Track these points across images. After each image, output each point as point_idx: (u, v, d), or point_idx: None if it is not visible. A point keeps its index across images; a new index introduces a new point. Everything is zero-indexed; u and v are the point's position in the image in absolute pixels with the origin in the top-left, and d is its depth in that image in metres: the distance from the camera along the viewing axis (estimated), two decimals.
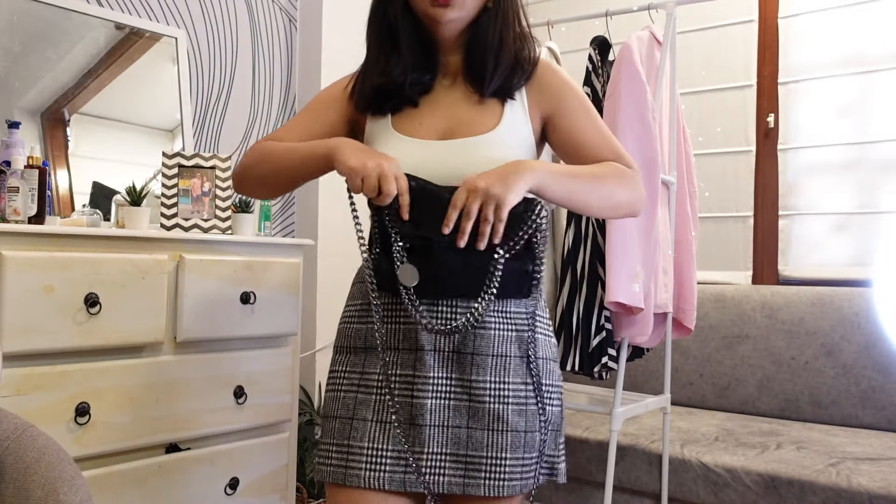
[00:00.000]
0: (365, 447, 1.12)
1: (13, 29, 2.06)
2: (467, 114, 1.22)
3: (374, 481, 1.10)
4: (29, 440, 1.20)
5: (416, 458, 1.11)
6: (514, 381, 1.13)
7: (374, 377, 1.15)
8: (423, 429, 1.11)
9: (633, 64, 1.82)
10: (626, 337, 1.86)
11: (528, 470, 1.12)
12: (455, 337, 1.13)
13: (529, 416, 1.13)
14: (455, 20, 1.19)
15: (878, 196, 2.62)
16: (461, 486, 1.10)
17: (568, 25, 3.23)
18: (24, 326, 1.53)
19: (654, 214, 1.82)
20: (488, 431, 1.11)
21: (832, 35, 2.72)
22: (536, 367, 1.15)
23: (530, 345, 1.15)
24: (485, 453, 1.11)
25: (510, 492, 1.11)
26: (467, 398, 1.12)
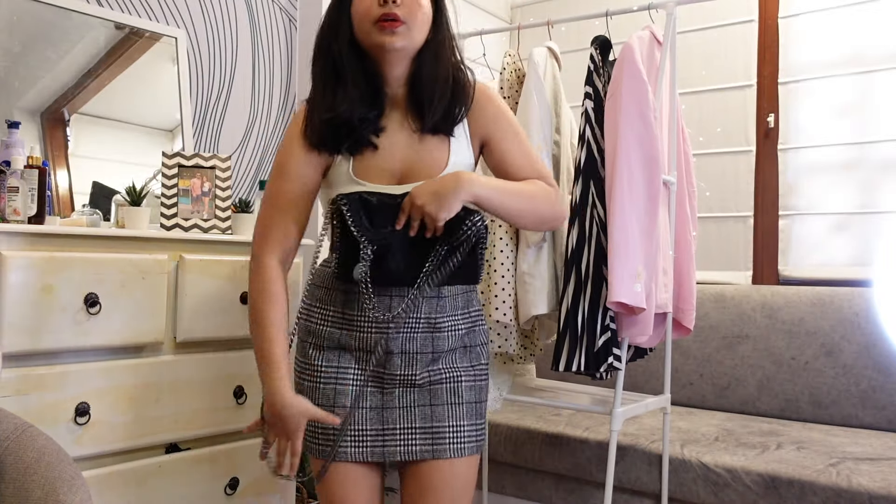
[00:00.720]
0: (355, 430, 1.34)
1: (13, 29, 2.06)
2: (417, 154, 1.34)
3: (359, 455, 1.34)
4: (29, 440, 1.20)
5: (391, 435, 1.34)
6: (463, 364, 1.39)
7: (350, 371, 1.36)
8: (393, 411, 1.35)
9: (635, 63, 1.82)
10: (626, 337, 1.86)
11: (480, 433, 1.39)
12: (416, 341, 1.34)
13: (476, 390, 1.39)
14: (402, 49, 1.29)
15: (878, 196, 2.62)
16: (430, 451, 1.34)
17: (568, 25, 3.23)
18: (24, 326, 1.53)
19: (656, 214, 1.82)
20: (447, 405, 1.35)
21: (832, 35, 2.72)
22: (477, 352, 1.41)
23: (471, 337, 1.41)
24: (447, 423, 1.35)
25: (470, 451, 1.36)
26: (428, 384, 1.36)
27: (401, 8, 1.25)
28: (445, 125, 1.34)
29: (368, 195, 1.28)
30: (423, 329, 1.35)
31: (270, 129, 2.82)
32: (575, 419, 2.39)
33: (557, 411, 2.52)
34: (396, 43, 1.27)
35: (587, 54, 1.96)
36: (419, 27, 1.29)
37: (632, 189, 1.79)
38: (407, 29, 1.27)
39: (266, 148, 2.82)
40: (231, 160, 2.12)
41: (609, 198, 1.80)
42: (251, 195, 2.70)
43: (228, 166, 2.07)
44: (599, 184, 1.87)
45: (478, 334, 1.43)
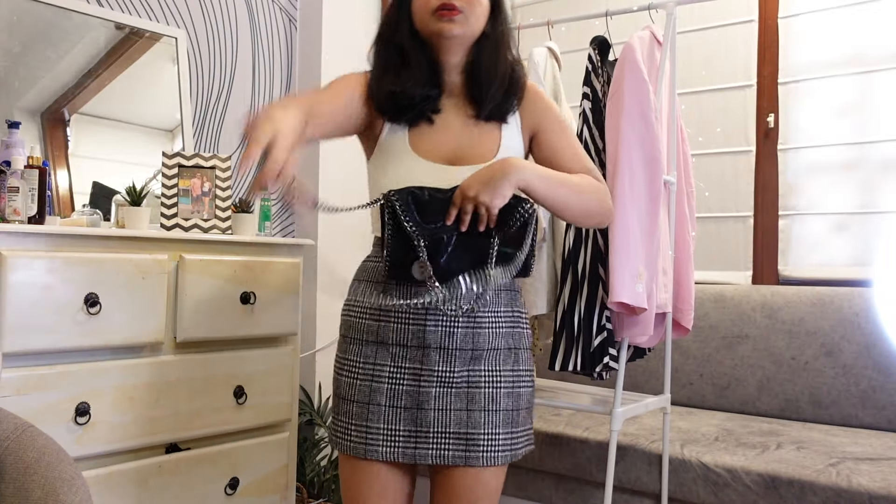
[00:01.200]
0: (381, 428, 1.32)
1: (13, 29, 2.06)
2: (470, 138, 1.37)
3: (391, 455, 1.32)
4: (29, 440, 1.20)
5: (424, 437, 1.31)
6: (504, 369, 1.35)
7: (386, 369, 1.33)
8: (428, 412, 1.31)
9: (637, 63, 1.82)
10: (627, 337, 1.86)
11: (516, 442, 1.35)
12: (457, 336, 1.31)
13: (514, 397, 1.35)
14: (460, 36, 1.33)
15: (878, 196, 2.62)
16: (464, 458, 1.31)
17: (568, 25, 3.23)
18: (24, 326, 1.53)
19: (657, 214, 1.82)
20: (484, 412, 1.32)
21: (832, 35, 2.72)
22: (520, 356, 1.38)
23: (515, 339, 1.38)
24: (482, 430, 1.31)
25: (503, 461, 1.33)
26: (466, 386, 1.32)
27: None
28: (500, 113, 1.39)
29: (419, 190, 1.26)
30: (463, 323, 1.31)
31: None
32: (575, 419, 2.39)
33: (557, 411, 2.52)
34: (454, 30, 1.31)
35: (587, 54, 1.96)
36: (476, 17, 1.33)
37: (633, 189, 1.79)
38: (464, 17, 1.31)
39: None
40: (231, 160, 2.12)
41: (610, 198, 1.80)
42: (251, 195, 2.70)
43: (228, 166, 2.07)
44: None
45: (521, 336, 1.40)
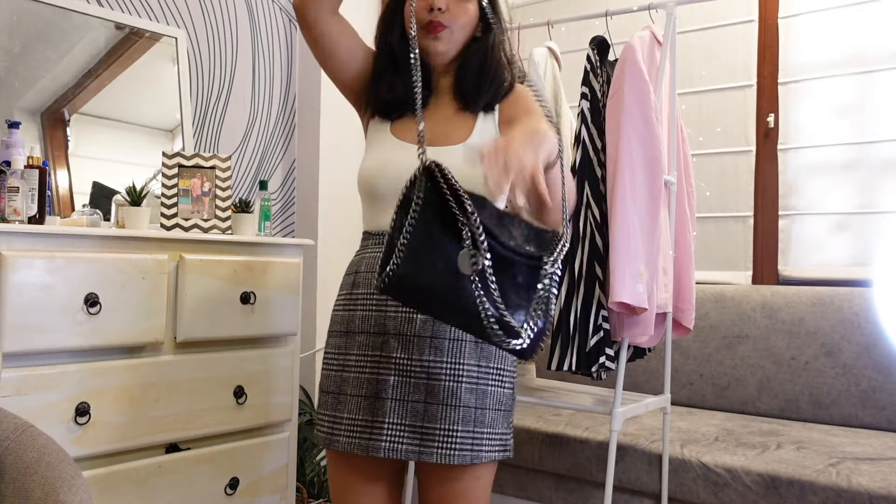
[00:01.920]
0: (345, 418, 1.31)
1: (13, 29, 2.06)
2: (446, 126, 1.40)
3: (349, 446, 1.29)
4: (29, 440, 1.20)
5: (378, 427, 1.27)
6: (469, 362, 1.29)
7: (353, 357, 1.33)
8: (385, 402, 1.28)
9: (637, 64, 1.82)
10: (626, 337, 1.86)
11: (478, 443, 1.27)
12: (416, 322, 1.28)
13: (479, 395, 1.28)
14: (444, 53, 1.37)
15: (878, 196, 2.62)
16: (416, 453, 1.26)
17: (568, 25, 3.23)
18: (24, 326, 1.53)
19: (658, 214, 1.82)
20: (443, 406, 1.26)
21: (832, 35, 2.72)
22: (488, 350, 1.30)
23: None
24: (438, 425, 1.26)
25: (460, 461, 1.26)
26: (425, 377, 1.28)
27: (445, 15, 1.34)
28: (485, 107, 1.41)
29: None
30: None
31: (270, 129, 2.82)
32: (575, 419, 2.39)
33: (557, 411, 2.52)
34: (439, 47, 1.36)
35: (586, 54, 1.96)
36: (462, 28, 1.37)
37: (634, 189, 1.79)
38: (450, 33, 1.35)
39: (266, 148, 2.82)
40: (231, 160, 2.12)
41: (611, 198, 1.80)
42: (251, 195, 2.70)
43: (228, 166, 2.07)
44: (595, 184, 1.87)
45: None
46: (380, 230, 1.37)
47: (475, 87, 1.40)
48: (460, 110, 1.42)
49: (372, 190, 1.37)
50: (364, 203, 1.43)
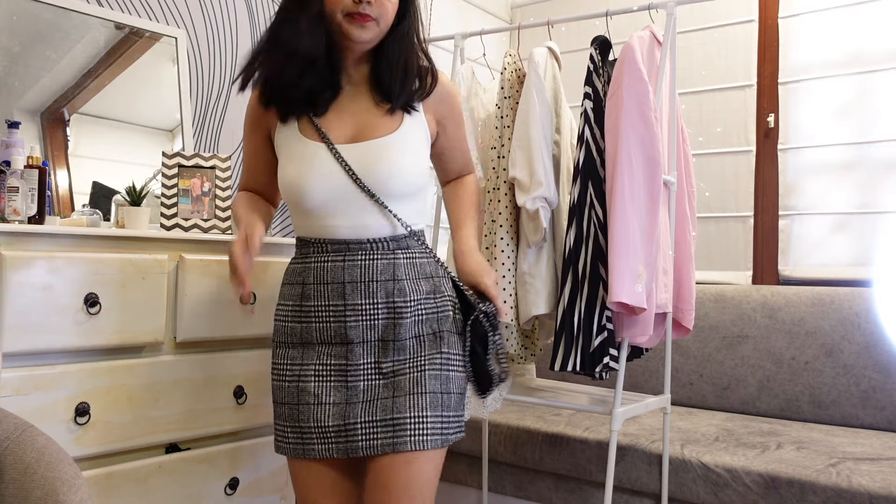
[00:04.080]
0: (313, 426, 1.33)
1: (13, 29, 2.06)
2: (370, 119, 1.38)
3: (326, 452, 1.33)
4: (29, 440, 1.20)
5: (352, 429, 1.31)
6: (430, 352, 1.34)
7: (311, 367, 1.35)
8: (356, 405, 1.32)
9: (636, 63, 1.82)
10: (626, 337, 1.86)
11: (447, 426, 1.32)
12: (378, 328, 1.34)
13: (443, 380, 1.33)
14: (369, 41, 1.34)
15: (878, 196, 2.62)
16: (391, 445, 1.29)
17: (568, 25, 3.23)
18: (24, 326, 1.53)
19: (657, 214, 1.82)
20: (410, 396, 1.30)
21: (832, 35, 2.72)
22: (443, 339, 1.36)
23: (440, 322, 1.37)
24: (408, 414, 1.29)
25: (433, 445, 1.29)
26: (392, 375, 1.33)
27: (374, 7, 1.31)
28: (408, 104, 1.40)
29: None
30: (383, 316, 1.33)
31: None
32: (575, 419, 2.39)
33: (557, 411, 2.52)
34: (364, 36, 1.32)
35: (587, 54, 1.96)
36: (387, 20, 1.34)
37: (633, 189, 1.79)
38: (376, 24, 1.32)
39: None
40: (231, 160, 2.12)
41: (610, 198, 1.80)
42: None
43: (228, 166, 2.07)
44: (598, 184, 1.87)
45: (446, 319, 1.38)
46: (315, 237, 1.38)
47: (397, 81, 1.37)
48: (380, 103, 1.39)
49: (297, 199, 1.36)
50: (293, 211, 1.42)
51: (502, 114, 2.02)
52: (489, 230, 1.99)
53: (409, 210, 1.38)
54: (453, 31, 2.31)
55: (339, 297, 1.34)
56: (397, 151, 1.34)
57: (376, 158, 1.33)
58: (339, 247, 1.35)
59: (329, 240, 1.36)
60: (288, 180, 1.37)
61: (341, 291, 1.33)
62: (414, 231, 1.39)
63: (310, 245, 1.39)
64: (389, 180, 1.33)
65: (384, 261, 1.35)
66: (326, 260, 1.36)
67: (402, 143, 1.36)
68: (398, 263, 1.35)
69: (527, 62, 2.00)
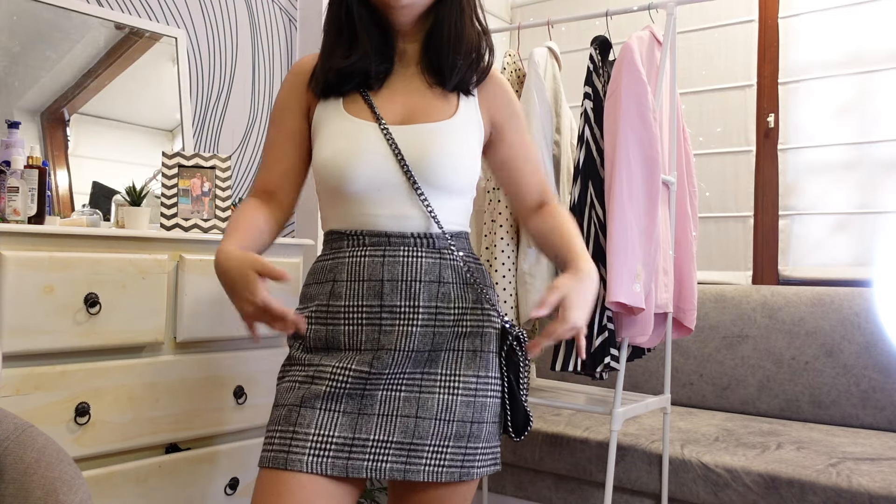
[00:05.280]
0: (311, 433, 1.12)
1: (13, 29, 2.06)
2: (424, 101, 1.23)
3: (317, 466, 1.11)
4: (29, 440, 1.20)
5: (360, 446, 1.13)
6: (466, 373, 1.18)
7: (328, 369, 1.16)
8: (371, 418, 1.14)
9: (634, 64, 1.82)
10: (626, 337, 1.86)
11: (469, 458, 1.16)
12: (415, 337, 1.16)
13: (477, 407, 1.17)
14: (410, 6, 1.18)
15: (878, 196, 2.62)
16: (402, 472, 1.14)
17: (568, 25, 3.23)
18: (24, 326, 1.53)
19: (655, 214, 1.82)
20: (436, 421, 1.15)
21: (832, 35, 2.72)
22: (486, 360, 1.20)
23: (483, 340, 1.20)
24: (429, 441, 1.14)
25: (448, 478, 1.14)
26: (418, 390, 1.16)
27: None
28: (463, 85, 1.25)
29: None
30: (422, 322, 1.16)
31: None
32: (575, 419, 2.39)
33: (557, 411, 2.52)
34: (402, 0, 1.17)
35: (587, 54, 1.96)
36: None
37: (631, 189, 1.79)
38: None
39: None
40: (231, 160, 2.12)
41: (608, 198, 1.80)
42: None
43: (228, 166, 2.07)
44: (598, 184, 1.87)
45: (490, 338, 1.21)
46: (351, 228, 1.20)
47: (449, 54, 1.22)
48: (433, 85, 1.24)
49: (338, 182, 1.18)
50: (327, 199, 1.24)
51: None
52: (489, 230, 2.00)
53: (454, 206, 1.22)
54: None
55: (375, 296, 1.16)
56: (451, 139, 1.19)
57: (426, 144, 1.17)
58: (380, 240, 1.18)
59: (368, 231, 1.19)
60: (327, 161, 1.18)
61: (378, 290, 1.16)
62: (458, 231, 1.23)
63: (344, 238, 1.21)
64: (440, 170, 1.17)
65: (430, 259, 1.18)
66: (363, 255, 1.18)
67: (457, 130, 1.20)
68: (444, 264, 1.19)
69: (527, 62, 2.00)
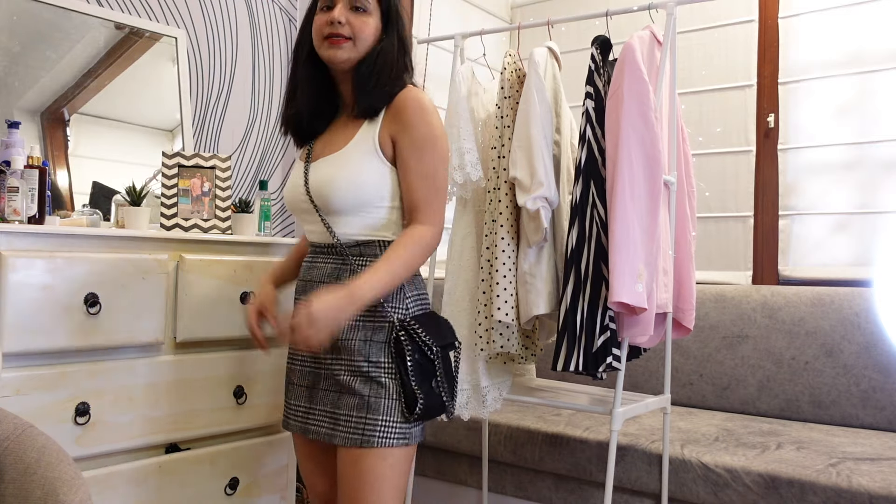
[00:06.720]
0: (292, 404, 1.54)
1: (13, 29, 2.06)
2: (334, 136, 1.51)
3: (296, 428, 1.53)
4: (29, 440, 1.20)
5: (312, 413, 1.49)
6: (358, 358, 1.43)
7: (298, 353, 1.53)
8: (317, 392, 1.48)
9: (636, 63, 1.82)
10: (627, 337, 1.86)
11: (370, 428, 1.39)
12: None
13: (373, 386, 1.41)
14: (346, 61, 1.46)
15: (878, 196, 2.62)
16: (330, 435, 1.44)
17: (568, 25, 3.23)
18: (24, 326, 1.53)
19: (657, 214, 1.82)
20: (344, 395, 1.44)
21: (832, 35, 2.72)
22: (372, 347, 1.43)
23: (375, 332, 1.44)
24: (342, 412, 1.43)
25: (352, 443, 1.39)
26: (331, 373, 1.46)
27: (346, 28, 1.44)
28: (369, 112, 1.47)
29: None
30: None
31: (270, 129, 2.82)
32: (575, 419, 2.39)
33: (557, 411, 2.52)
34: (340, 56, 1.45)
35: (587, 54, 1.96)
36: (364, 40, 1.46)
37: (633, 189, 1.79)
38: (352, 45, 1.45)
39: (266, 148, 2.82)
40: (231, 160, 2.12)
41: (610, 197, 1.80)
42: (251, 195, 2.70)
43: (228, 166, 2.07)
44: (600, 183, 1.87)
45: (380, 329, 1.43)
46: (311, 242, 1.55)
47: (361, 91, 1.46)
48: (350, 118, 1.50)
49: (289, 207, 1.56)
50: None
51: (502, 114, 2.02)
52: (490, 230, 1.99)
53: (353, 221, 1.45)
54: (453, 31, 2.31)
55: (303, 292, 1.52)
56: (337, 168, 1.44)
57: (319, 175, 1.46)
58: (312, 248, 1.55)
59: (310, 242, 1.56)
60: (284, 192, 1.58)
61: (304, 288, 1.53)
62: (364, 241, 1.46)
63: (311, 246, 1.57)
64: (322, 195, 1.44)
65: (333, 265, 1.48)
66: (308, 260, 1.56)
67: (343, 158, 1.45)
68: (343, 269, 1.46)
69: (527, 62, 2.00)
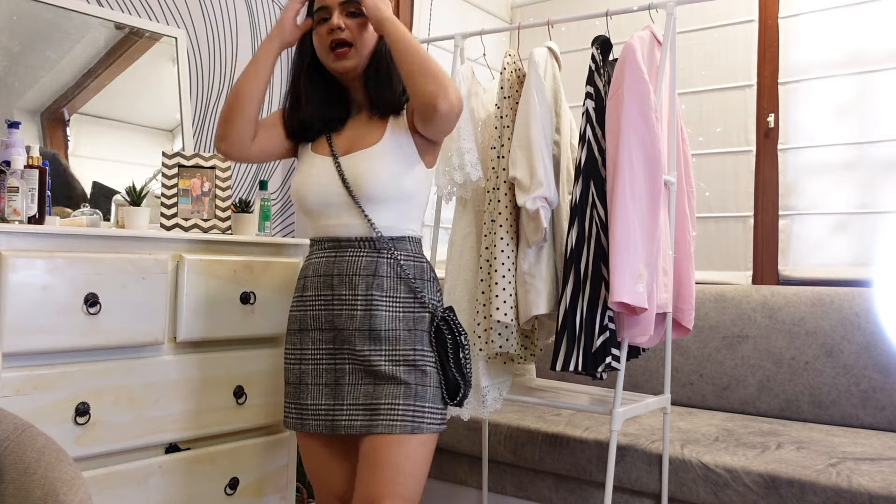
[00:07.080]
0: (309, 404, 1.52)
1: (13, 29, 2.06)
2: (361, 133, 1.56)
3: (316, 428, 1.52)
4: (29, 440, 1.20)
5: (339, 408, 1.49)
6: (404, 348, 1.48)
7: (308, 351, 1.53)
8: (343, 387, 1.50)
9: (637, 63, 1.82)
10: (627, 337, 1.86)
11: (419, 415, 1.45)
12: (356, 318, 1.49)
13: (418, 374, 1.47)
14: (353, 68, 1.54)
15: (878, 196, 2.62)
16: (367, 427, 1.46)
17: (568, 25, 3.23)
18: (24, 326, 1.53)
19: (658, 214, 1.82)
20: (382, 385, 1.47)
21: (832, 35, 2.72)
22: (418, 337, 1.50)
23: (415, 322, 1.50)
24: (384, 401, 1.45)
25: (401, 430, 1.43)
26: (369, 363, 1.47)
27: (346, 32, 1.51)
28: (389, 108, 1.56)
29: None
30: (361, 306, 1.48)
31: None
32: (575, 419, 2.39)
33: (557, 411, 2.52)
34: (348, 65, 1.53)
35: (587, 54, 1.96)
36: (365, 44, 1.53)
37: (634, 189, 1.79)
38: (355, 51, 1.52)
39: None
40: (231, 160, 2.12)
41: (611, 197, 1.80)
42: (251, 195, 2.70)
43: (228, 166, 2.07)
44: (600, 183, 1.87)
45: (421, 320, 1.52)
46: (318, 237, 1.57)
47: (377, 91, 1.55)
48: (372, 117, 1.57)
49: (302, 202, 1.56)
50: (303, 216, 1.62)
51: (502, 114, 2.02)
52: (489, 230, 1.99)
53: (389, 215, 1.52)
54: (453, 31, 2.31)
55: (327, 287, 1.51)
56: (377, 160, 1.50)
57: (359, 167, 1.51)
58: (333, 244, 1.54)
59: (327, 238, 1.55)
60: (294, 189, 1.58)
61: (329, 283, 1.51)
62: (399, 236, 1.53)
63: (314, 244, 1.58)
64: (365, 187, 1.49)
65: (369, 258, 1.51)
66: (323, 256, 1.55)
67: (381, 152, 1.51)
68: (380, 262, 1.51)
69: (527, 62, 2.00)
